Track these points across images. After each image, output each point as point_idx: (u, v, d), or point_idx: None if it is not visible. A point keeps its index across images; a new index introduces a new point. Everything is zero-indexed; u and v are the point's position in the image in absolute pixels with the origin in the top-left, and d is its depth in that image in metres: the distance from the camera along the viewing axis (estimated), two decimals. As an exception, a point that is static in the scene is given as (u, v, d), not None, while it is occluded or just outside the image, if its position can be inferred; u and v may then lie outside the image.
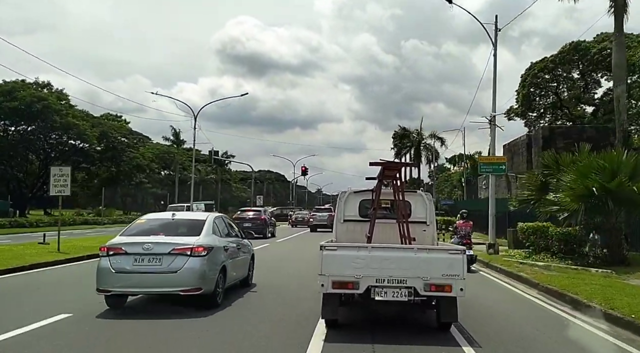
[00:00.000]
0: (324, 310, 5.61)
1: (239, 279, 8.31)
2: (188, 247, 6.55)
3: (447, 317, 5.64)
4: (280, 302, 7.45)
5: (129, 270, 6.42)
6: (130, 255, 6.49)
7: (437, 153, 51.60)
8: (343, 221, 7.30)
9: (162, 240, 6.62)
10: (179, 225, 7.21)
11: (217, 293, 6.91)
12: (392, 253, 5.50)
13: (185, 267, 6.46)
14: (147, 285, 6.50)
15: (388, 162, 6.80)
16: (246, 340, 5.31)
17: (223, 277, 7.13)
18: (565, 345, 5.50)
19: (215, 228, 7.39)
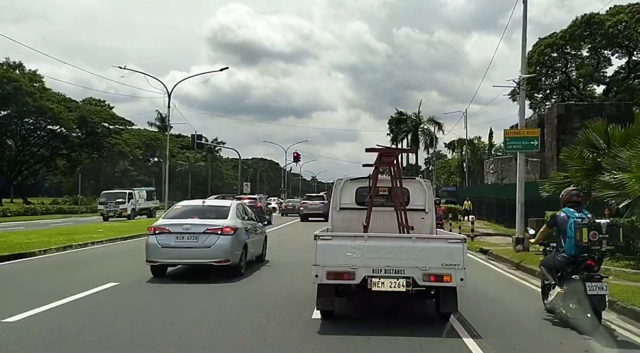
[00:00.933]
0: (319, 302, 5.62)
1: (256, 255, 10.35)
2: (219, 227, 8.50)
3: (446, 307, 5.60)
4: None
5: (172, 246, 8.36)
6: (173, 233, 8.42)
7: (436, 138, 51.61)
8: (339, 209, 7.41)
9: (197, 222, 8.52)
10: (209, 210, 9.18)
11: (241, 265, 8.87)
12: (390, 243, 5.49)
13: (216, 243, 8.43)
14: (186, 257, 8.48)
15: (385, 148, 6.74)
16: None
17: (245, 252, 9.13)
18: None
19: (238, 213, 9.29)
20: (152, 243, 8.39)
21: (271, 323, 5.68)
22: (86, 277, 8.85)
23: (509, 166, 31.97)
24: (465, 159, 51.13)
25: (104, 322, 5.74)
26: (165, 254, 8.33)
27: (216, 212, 9.11)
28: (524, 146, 13.17)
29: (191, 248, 8.37)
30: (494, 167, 34.67)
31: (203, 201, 9.88)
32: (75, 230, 19.27)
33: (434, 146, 51.38)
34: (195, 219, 8.71)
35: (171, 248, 8.36)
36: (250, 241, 9.50)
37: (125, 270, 9.59)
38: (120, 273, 9.16)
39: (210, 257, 8.38)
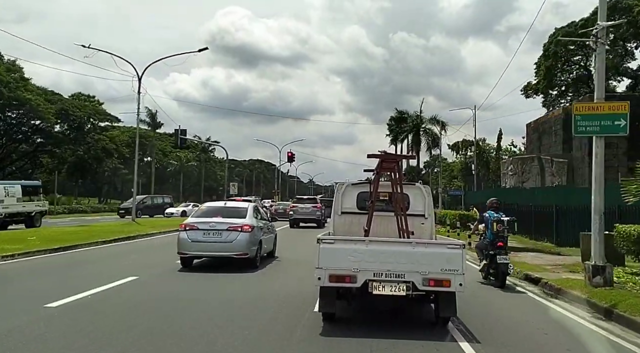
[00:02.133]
0: (321, 304, 6.04)
1: (268, 251, 12.46)
2: (239, 225, 10.60)
3: (446, 311, 5.98)
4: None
5: (201, 240, 10.46)
6: (201, 230, 10.48)
7: (439, 138, 50.53)
8: (341, 213, 7.96)
9: (221, 220, 10.49)
10: (229, 210, 11.25)
11: (257, 259, 10.91)
12: (390, 247, 5.86)
13: (237, 239, 10.52)
14: (212, 250, 10.61)
15: (386, 154, 7.30)
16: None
17: (260, 248, 11.26)
18: None
19: (254, 213, 11.18)
20: (184, 238, 10.36)
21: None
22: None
23: (530, 167, 29.42)
24: (473, 160, 49.19)
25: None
26: (195, 247, 10.40)
27: (236, 212, 11.13)
28: (604, 128, 9.32)
29: (216, 243, 10.47)
30: (513, 168, 31.93)
31: (225, 203, 11.75)
32: None
33: (439, 147, 50.51)
34: (219, 218, 10.71)
35: (199, 242, 10.46)
36: (264, 238, 11.57)
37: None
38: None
39: (232, 250, 10.45)
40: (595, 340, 6.00)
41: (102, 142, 54.09)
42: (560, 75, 38.77)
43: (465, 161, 54.00)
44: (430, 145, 51.51)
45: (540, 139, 32.01)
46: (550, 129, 30.54)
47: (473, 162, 50.01)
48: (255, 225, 11.04)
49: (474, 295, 8.09)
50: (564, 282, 9.19)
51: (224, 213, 11.18)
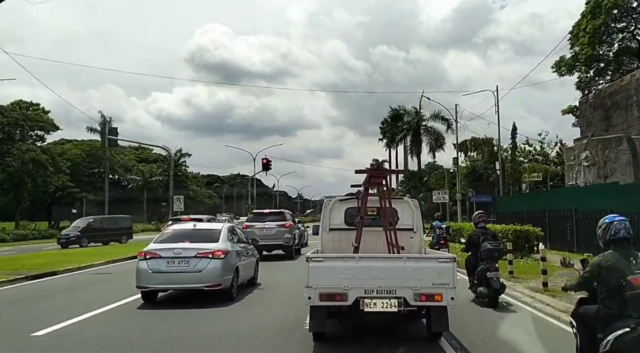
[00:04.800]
0: (312, 323, 6.46)
1: (248, 278, 11.93)
2: (210, 251, 9.98)
3: (437, 326, 6.41)
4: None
5: (163, 270, 9.79)
6: (164, 258, 9.74)
7: (443, 137, 47.83)
8: (329, 230, 8.47)
9: (188, 246, 9.66)
10: (200, 234, 10.51)
11: (232, 289, 10.36)
12: (381, 263, 6.23)
13: (208, 268, 9.93)
14: (178, 282, 9.98)
15: (374, 169, 9.73)
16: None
17: (236, 276, 10.70)
18: None
19: (229, 235, 10.36)
20: (143, 268, 9.55)
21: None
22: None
23: (617, 151, 21.04)
24: (482, 161, 46.89)
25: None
26: (156, 279, 9.62)
27: (207, 235, 10.45)
28: None
29: (182, 273, 9.84)
30: (589, 156, 22.98)
31: (194, 225, 10.84)
32: None
33: (456, 145, 45.98)
34: (186, 243, 9.88)
35: (162, 273, 9.85)
36: (241, 264, 11.00)
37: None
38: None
39: (202, 281, 9.79)
40: None
41: (31, 153, 49.41)
42: (598, 48, 33.44)
43: (473, 164, 51.36)
44: (434, 145, 48.91)
45: (608, 117, 25.41)
46: (624, 102, 24.25)
47: (486, 162, 48.46)
48: (229, 249, 10.31)
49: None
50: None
51: (192, 237, 10.53)
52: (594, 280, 4.49)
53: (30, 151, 48.94)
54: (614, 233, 4.46)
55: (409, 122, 49.69)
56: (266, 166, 41.17)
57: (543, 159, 52.86)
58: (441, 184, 61.47)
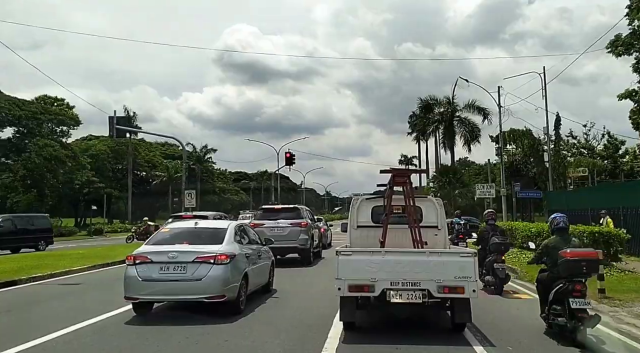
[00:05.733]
0: (342, 313, 6.97)
1: (262, 284, 10.28)
2: (211, 255, 8.30)
3: (460, 318, 6.88)
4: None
5: (155, 278, 8.19)
6: (156, 263, 8.22)
7: (479, 129, 44.92)
8: (357, 227, 8.87)
9: (186, 248, 8.09)
10: (201, 234, 9.12)
11: (239, 300, 8.67)
12: (405, 257, 6.76)
13: (209, 275, 8.22)
14: (173, 293, 8.32)
15: (398, 169, 8.57)
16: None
17: (245, 284, 9.01)
18: None
19: (236, 236, 8.72)
20: (132, 275, 8.04)
21: None
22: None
23: None
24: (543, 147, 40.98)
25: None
26: (147, 289, 8.09)
27: (210, 236, 9.00)
28: None
29: (178, 282, 8.25)
30: None
31: (195, 222, 9.19)
32: None
33: (476, 140, 45.01)
34: (185, 245, 8.41)
35: (154, 282, 8.26)
36: (252, 269, 9.41)
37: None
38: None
39: (201, 292, 8.20)
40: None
41: (49, 149, 48.21)
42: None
43: (511, 158, 47.01)
44: (469, 138, 45.82)
45: None
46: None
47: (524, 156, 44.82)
48: (236, 252, 8.68)
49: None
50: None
51: (192, 238, 8.93)
52: (543, 256, 7.17)
53: (48, 146, 47.79)
54: (556, 225, 7.21)
55: (441, 112, 46.85)
56: (289, 160, 39.15)
57: (589, 152, 50.11)
58: (475, 181, 58.47)
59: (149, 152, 70.77)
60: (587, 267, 6.53)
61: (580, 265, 6.49)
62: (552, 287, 6.70)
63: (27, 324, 8.27)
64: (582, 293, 6.44)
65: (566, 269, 6.52)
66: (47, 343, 6.87)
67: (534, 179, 46.35)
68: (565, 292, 6.47)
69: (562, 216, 7.30)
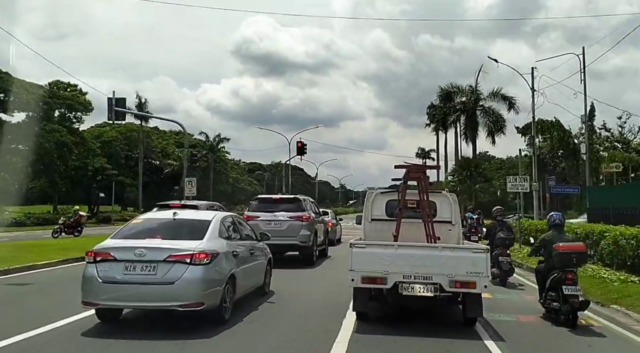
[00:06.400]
0: (355, 304, 7.18)
1: (255, 286, 8.87)
2: (188, 254, 6.80)
3: (472, 312, 7.03)
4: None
5: (119, 280, 6.76)
6: (120, 262, 6.82)
7: (503, 120, 41.99)
8: (371, 220, 8.90)
9: (157, 244, 6.79)
10: (180, 227, 7.55)
11: (223, 307, 7.23)
12: (418, 251, 6.90)
13: (183, 277, 6.68)
14: (139, 299, 6.82)
15: (412, 165, 8.63)
16: None
17: (231, 288, 7.52)
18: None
19: (222, 230, 7.79)
20: (90, 276, 6.66)
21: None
22: None
23: None
24: (574, 139, 38.81)
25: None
26: (109, 293, 6.68)
27: (190, 230, 7.51)
28: None
29: (146, 285, 6.71)
30: None
31: (174, 213, 7.72)
32: None
33: (500, 131, 41.81)
34: (157, 240, 7.03)
35: (116, 285, 6.74)
36: (242, 270, 7.94)
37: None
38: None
39: (174, 298, 6.68)
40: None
41: (55, 134, 46.50)
42: None
43: (537, 152, 44.43)
44: (493, 129, 42.70)
45: None
46: None
47: (552, 149, 42.06)
48: (219, 250, 7.25)
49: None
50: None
51: (168, 231, 7.40)
52: (541, 248, 8.30)
53: (55, 132, 46.27)
54: (552, 221, 8.36)
55: (463, 102, 44.01)
56: (301, 150, 37.90)
57: (623, 146, 46.76)
58: (497, 176, 55.72)
59: (162, 141, 69.51)
60: (577, 258, 7.58)
61: (571, 257, 7.48)
62: (548, 277, 7.71)
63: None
64: (574, 281, 7.39)
65: (559, 260, 7.50)
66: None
67: (562, 174, 43.90)
68: (559, 281, 7.45)
69: (559, 214, 8.58)
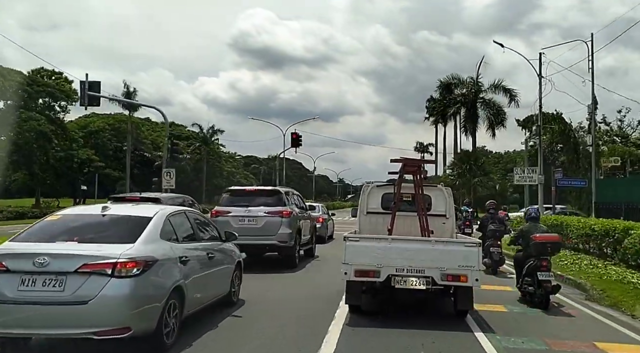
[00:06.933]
0: (348, 297, 7.22)
1: (216, 298, 7.22)
2: (109, 262, 5.04)
3: (463, 305, 7.19)
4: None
5: (11, 299, 4.94)
6: (15, 273, 5.02)
7: (504, 112, 41.64)
8: (366, 213, 8.99)
9: (68, 249, 4.75)
10: (109, 226, 5.84)
11: (165, 332, 5.49)
12: (411, 245, 7.02)
13: (101, 295, 4.93)
14: (39, 325, 5.02)
15: (408, 159, 8.76)
16: None
17: (178, 304, 5.78)
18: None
19: (167, 230, 6.02)
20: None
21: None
22: None
23: None
24: (575, 133, 38.19)
25: None
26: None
27: (121, 229, 5.79)
28: None
29: (48, 305, 4.90)
30: None
31: (103, 207, 5.91)
32: None
33: (501, 124, 41.16)
34: (70, 243, 5.20)
35: (7, 304, 4.92)
36: (193, 281, 6.17)
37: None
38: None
39: (87, 322, 4.92)
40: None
41: (32, 122, 44.32)
42: None
43: (536, 146, 43.44)
44: (493, 121, 42.02)
45: None
46: None
47: (551, 143, 40.38)
48: (161, 256, 5.52)
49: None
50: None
51: (89, 231, 5.67)
52: (519, 239, 9.08)
53: (32, 120, 43.87)
54: (529, 215, 9.34)
55: (463, 94, 43.30)
56: (295, 142, 36.22)
57: (622, 140, 46.03)
58: (493, 171, 54.74)
59: (153, 132, 67.53)
60: (552, 247, 8.44)
61: (546, 246, 8.32)
62: (525, 264, 8.51)
63: None
64: (548, 268, 8.20)
65: (535, 249, 8.31)
66: None
67: (562, 168, 42.78)
68: (534, 267, 8.23)
69: (535, 208, 9.86)
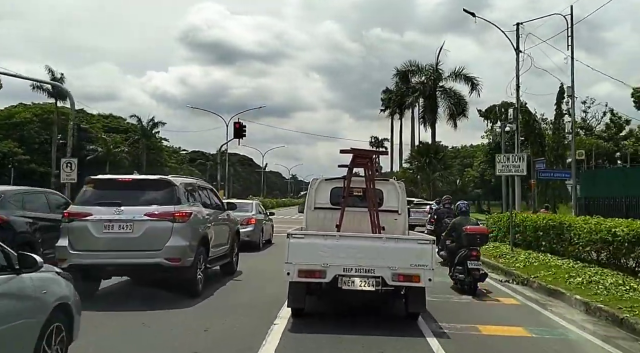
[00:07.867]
0: (290, 299, 6.81)
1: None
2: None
3: (415, 306, 6.89)
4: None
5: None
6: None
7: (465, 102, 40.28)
8: (314, 208, 8.66)
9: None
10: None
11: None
12: (361, 242, 6.69)
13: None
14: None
15: (358, 149, 8.42)
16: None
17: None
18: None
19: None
20: None
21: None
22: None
23: None
24: (540, 124, 37.47)
25: None
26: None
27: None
28: None
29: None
30: None
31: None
32: None
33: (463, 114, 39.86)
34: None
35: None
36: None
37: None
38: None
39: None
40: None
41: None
42: None
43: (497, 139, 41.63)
44: (454, 112, 40.73)
45: None
46: None
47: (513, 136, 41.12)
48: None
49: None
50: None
51: None
52: (452, 231, 9.84)
53: None
54: (460, 209, 10.30)
55: (422, 82, 41.80)
56: (239, 132, 32.62)
57: (586, 132, 47.23)
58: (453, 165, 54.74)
59: (86, 124, 62.87)
60: (480, 239, 9.42)
61: (476, 237, 9.27)
62: (457, 254, 9.39)
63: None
64: (477, 257, 9.11)
65: (466, 240, 9.24)
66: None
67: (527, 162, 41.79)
68: (465, 257, 9.14)
69: (464, 203, 10.76)
